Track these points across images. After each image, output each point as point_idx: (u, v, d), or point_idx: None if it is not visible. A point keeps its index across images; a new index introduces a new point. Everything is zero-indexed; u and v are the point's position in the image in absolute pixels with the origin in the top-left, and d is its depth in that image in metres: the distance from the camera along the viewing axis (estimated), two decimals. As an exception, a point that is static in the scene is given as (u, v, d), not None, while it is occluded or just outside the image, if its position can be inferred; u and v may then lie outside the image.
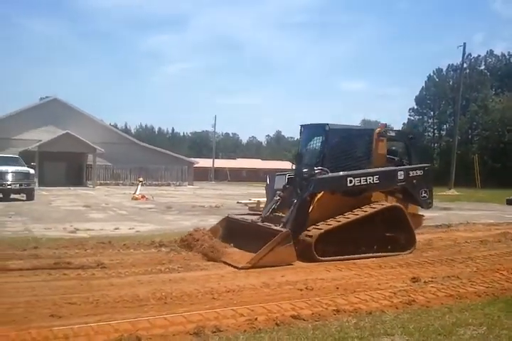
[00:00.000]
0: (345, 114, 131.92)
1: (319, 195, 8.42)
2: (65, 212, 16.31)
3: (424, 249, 9.28)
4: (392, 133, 9.77)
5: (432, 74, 67.31)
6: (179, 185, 43.79)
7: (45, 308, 4.96)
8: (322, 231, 7.83)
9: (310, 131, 9.78)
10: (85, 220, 13.60)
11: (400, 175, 9.07)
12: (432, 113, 68.71)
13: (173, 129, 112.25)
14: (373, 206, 8.46)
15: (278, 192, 8.98)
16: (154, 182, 41.85)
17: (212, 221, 13.53)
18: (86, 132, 37.81)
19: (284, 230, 7.61)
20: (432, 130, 69.70)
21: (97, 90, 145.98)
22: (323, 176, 8.56)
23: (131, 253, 8.23)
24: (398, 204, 8.86)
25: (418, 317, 4.88)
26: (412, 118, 69.16)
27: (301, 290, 5.94)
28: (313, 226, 7.99)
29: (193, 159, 50.55)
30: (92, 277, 6.46)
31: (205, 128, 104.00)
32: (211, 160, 69.76)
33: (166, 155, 45.27)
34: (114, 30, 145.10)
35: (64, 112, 39.27)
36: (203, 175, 63.42)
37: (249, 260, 7.21)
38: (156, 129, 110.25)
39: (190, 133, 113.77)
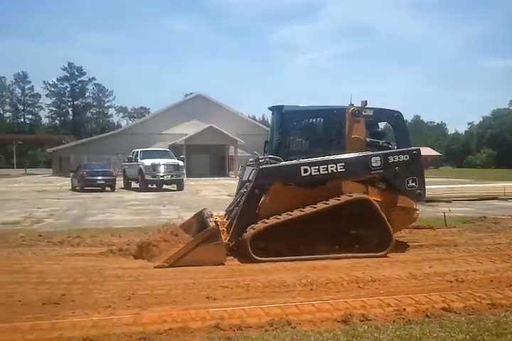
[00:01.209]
0: (489, 94, 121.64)
1: (272, 187, 7.35)
2: (211, 200, 17.29)
3: None
4: (370, 112, 8.06)
5: None
6: (317, 174, 43.88)
7: (201, 290, 5.35)
8: (260, 228, 6.92)
9: (277, 114, 8.45)
10: (230, 209, 14.26)
11: (376, 162, 7.60)
12: None
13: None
14: (333, 200, 7.19)
15: (247, 184, 7.95)
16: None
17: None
18: (227, 125, 39.70)
19: (211, 226, 6.92)
20: None
21: (236, 84, 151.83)
22: (270, 166, 7.57)
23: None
24: (365, 196, 7.40)
25: None
26: None
27: (450, 282, 5.69)
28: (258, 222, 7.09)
29: (329, 147, 50.25)
30: (242, 262, 6.80)
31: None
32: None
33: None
34: (248, 24, 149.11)
35: (207, 107, 41.58)
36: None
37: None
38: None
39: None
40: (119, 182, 25.63)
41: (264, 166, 7.58)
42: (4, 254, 7.44)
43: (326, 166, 7.39)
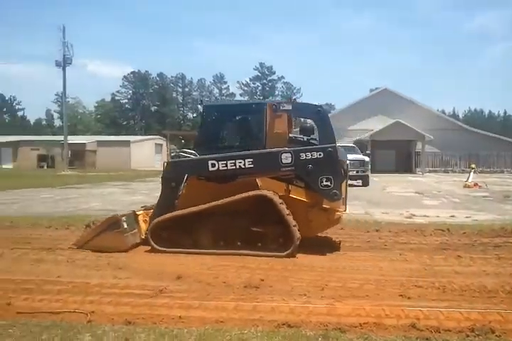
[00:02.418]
0: None
1: (188, 181, 7.50)
2: (398, 197, 16.90)
3: None
4: (288, 107, 7.54)
5: None
6: (515, 172, 40.13)
7: (394, 288, 5.28)
8: (159, 219, 7.19)
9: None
10: (419, 206, 13.82)
11: (286, 159, 7.20)
12: None
13: (505, 112, 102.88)
14: (237, 195, 7.01)
15: None
16: (486, 170, 39.40)
17: None
18: (414, 120, 38.34)
19: (113, 215, 7.35)
20: None
21: (424, 77, 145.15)
22: (176, 160, 7.81)
23: (473, 243, 8.01)
24: (264, 192, 7.01)
25: None
26: None
27: None
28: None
29: (531, 143, 45.46)
30: (435, 263, 6.55)
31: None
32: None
33: (497, 140, 42.26)
34: (434, 15, 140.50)
35: (393, 102, 40.65)
36: (544, 161, 56.48)
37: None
38: (486, 113, 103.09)
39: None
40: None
41: (170, 160, 8.03)
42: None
43: (234, 161, 7.32)
